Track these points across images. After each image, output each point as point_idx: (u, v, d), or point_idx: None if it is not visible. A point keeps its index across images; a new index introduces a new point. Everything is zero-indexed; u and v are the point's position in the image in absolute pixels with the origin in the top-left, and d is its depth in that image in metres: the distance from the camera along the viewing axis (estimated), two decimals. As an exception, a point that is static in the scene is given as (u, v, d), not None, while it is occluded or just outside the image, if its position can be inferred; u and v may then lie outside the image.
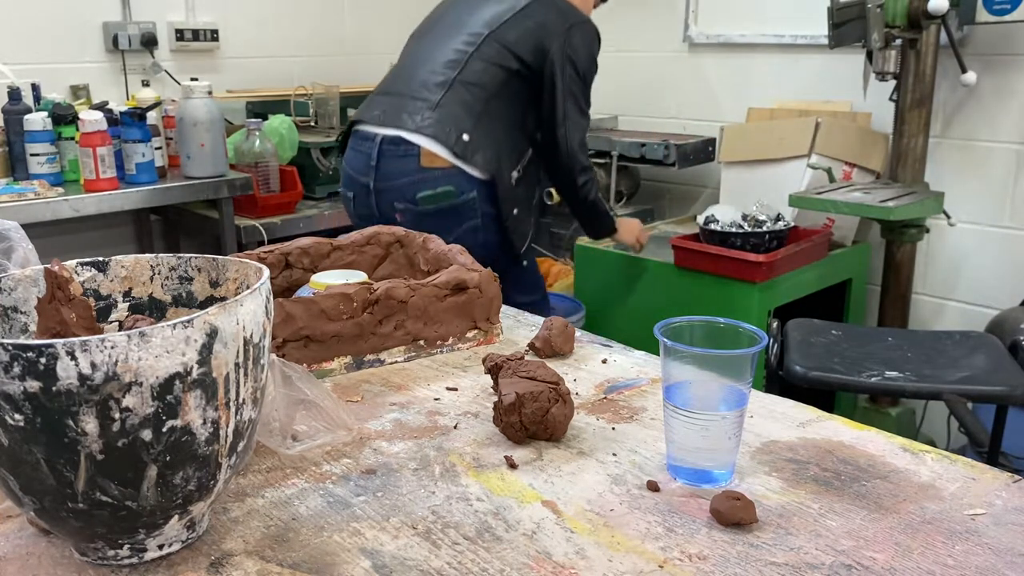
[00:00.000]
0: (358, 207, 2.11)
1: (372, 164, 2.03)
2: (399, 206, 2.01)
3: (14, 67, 2.55)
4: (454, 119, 1.99)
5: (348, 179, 2.13)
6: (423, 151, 1.98)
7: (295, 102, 3.03)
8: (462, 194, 2.00)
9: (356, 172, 2.08)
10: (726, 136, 2.91)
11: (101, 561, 0.64)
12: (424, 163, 1.98)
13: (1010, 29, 2.51)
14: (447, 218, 1.99)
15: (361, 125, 2.11)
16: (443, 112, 2.00)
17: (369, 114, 2.10)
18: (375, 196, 2.04)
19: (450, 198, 1.99)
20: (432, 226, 1.98)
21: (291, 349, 0.97)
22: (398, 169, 2.00)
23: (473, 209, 2.02)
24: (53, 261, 0.72)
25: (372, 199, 2.05)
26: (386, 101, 2.10)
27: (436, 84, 2.04)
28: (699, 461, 0.76)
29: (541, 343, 1.07)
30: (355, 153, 2.10)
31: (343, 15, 3.40)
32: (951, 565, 0.64)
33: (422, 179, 1.98)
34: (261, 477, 0.78)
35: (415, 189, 1.99)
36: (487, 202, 2.03)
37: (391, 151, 2.01)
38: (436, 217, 1.98)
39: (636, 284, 2.62)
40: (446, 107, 2.00)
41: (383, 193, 2.03)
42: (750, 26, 3.08)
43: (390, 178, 2.01)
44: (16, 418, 0.55)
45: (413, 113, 2.01)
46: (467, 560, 0.65)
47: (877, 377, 1.80)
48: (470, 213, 2.02)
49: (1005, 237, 2.63)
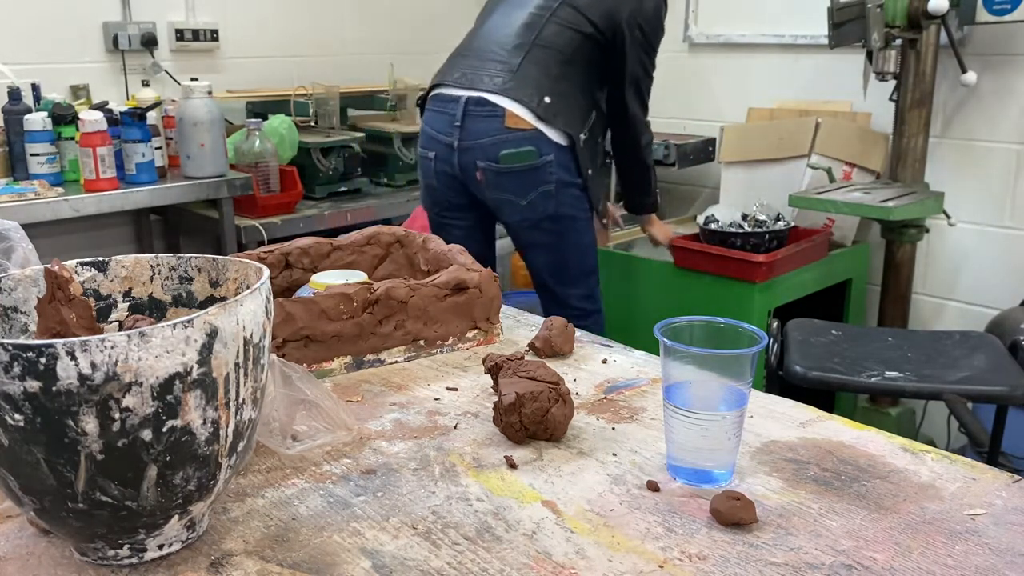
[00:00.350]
0: (439, 165, 2.16)
1: (456, 124, 2.10)
2: (481, 164, 2.08)
3: (14, 67, 2.55)
4: (534, 82, 2.06)
5: (429, 139, 2.19)
6: (507, 112, 2.05)
7: (295, 102, 3.02)
8: (541, 156, 2.06)
9: (438, 132, 2.14)
10: (726, 136, 2.91)
11: (101, 561, 0.64)
12: (508, 124, 2.06)
13: (1010, 29, 2.51)
14: (524, 179, 2.07)
15: (442, 88, 2.17)
16: (523, 75, 2.07)
17: (450, 76, 2.17)
18: (458, 154, 2.11)
19: (531, 158, 2.06)
20: (510, 185, 2.08)
21: (291, 349, 0.97)
22: (482, 129, 2.07)
23: (549, 173, 2.08)
24: (53, 261, 0.72)
25: (455, 157, 2.12)
26: (465, 64, 2.17)
27: (514, 47, 2.11)
28: (699, 461, 0.76)
29: (541, 343, 1.07)
30: (437, 114, 2.16)
31: (343, 15, 3.40)
32: (951, 565, 0.64)
33: (505, 139, 2.06)
34: (261, 477, 0.78)
35: (498, 148, 2.06)
36: (561, 168, 2.10)
37: (476, 112, 2.08)
38: (514, 177, 2.07)
39: (636, 284, 2.62)
40: (525, 70, 2.08)
41: (467, 152, 2.10)
42: (750, 26, 3.08)
43: (474, 137, 2.08)
44: (16, 418, 0.55)
45: (494, 76, 2.09)
46: (467, 560, 0.65)
47: (877, 377, 1.80)
48: (546, 177, 2.08)
49: (1005, 237, 2.63)
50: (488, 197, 2.13)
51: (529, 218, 2.12)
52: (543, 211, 2.11)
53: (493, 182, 2.08)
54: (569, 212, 2.14)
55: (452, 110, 2.11)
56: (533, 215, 2.11)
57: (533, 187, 2.08)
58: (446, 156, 2.14)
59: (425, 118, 2.22)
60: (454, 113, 2.10)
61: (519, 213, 2.12)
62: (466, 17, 3.60)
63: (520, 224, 2.15)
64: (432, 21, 3.57)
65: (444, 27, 3.54)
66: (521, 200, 2.09)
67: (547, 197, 2.10)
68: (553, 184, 2.09)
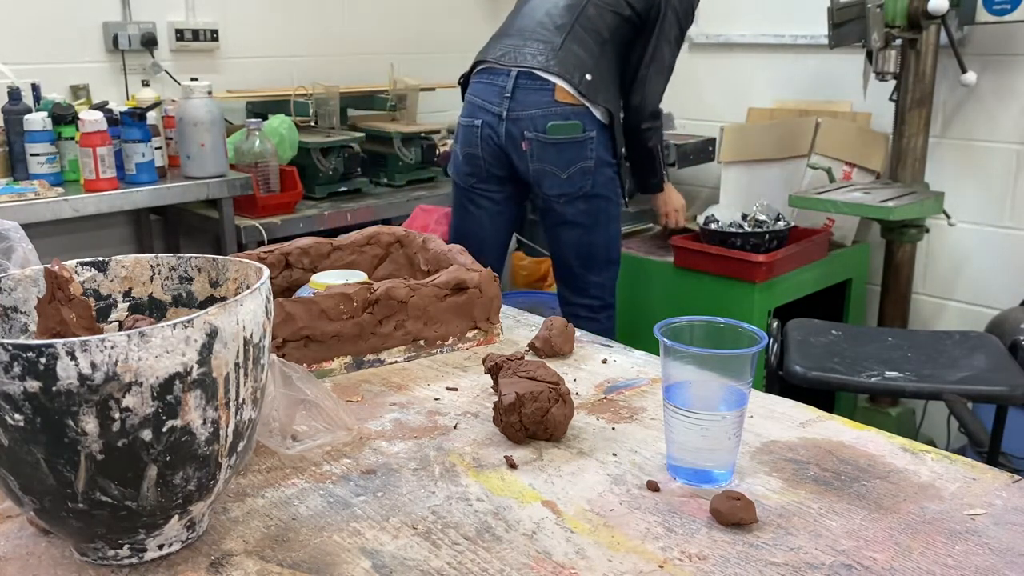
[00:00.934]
0: (484, 132, 2.22)
1: (507, 95, 2.17)
2: (528, 135, 2.15)
3: (14, 67, 2.55)
4: (576, 60, 2.15)
5: (475, 108, 2.24)
6: (557, 87, 2.13)
7: (295, 102, 3.02)
8: (585, 131, 2.15)
9: (487, 102, 2.21)
10: (726, 136, 2.91)
11: (101, 561, 0.64)
12: (558, 97, 2.14)
13: (1010, 29, 2.51)
14: (567, 151, 2.15)
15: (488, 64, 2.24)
16: (566, 54, 2.15)
17: (493, 54, 2.24)
18: (507, 123, 2.17)
19: (575, 131, 2.15)
20: (553, 158, 2.16)
21: (291, 349, 0.97)
22: (533, 100, 2.15)
23: (590, 149, 2.17)
24: (53, 261, 0.72)
25: (503, 127, 2.18)
26: (508, 43, 2.24)
27: (556, 27, 2.18)
28: (699, 461, 0.76)
29: (541, 343, 1.07)
30: (485, 86, 2.22)
31: (343, 15, 3.40)
32: (951, 565, 0.64)
33: (553, 111, 2.14)
34: (261, 477, 0.78)
35: (547, 119, 2.14)
36: (600, 146, 2.18)
37: (526, 84, 2.16)
38: (559, 149, 2.15)
39: (636, 284, 2.62)
40: (568, 49, 2.15)
41: (516, 122, 2.16)
42: (750, 26, 3.08)
43: (524, 108, 2.15)
44: (16, 418, 0.55)
45: (536, 54, 2.16)
46: (467, 560, 0.65)
47: (877, 377, 1.80)
48: (587, 153, 2.17)
49: (1005, 237, 2.63)
50: (531, 168, 2.18)
51: (567, 192, 2.19)
52: (580, 187, 2.18)
53: (538, 153, 2.15)
54: (604, 192, 2.22)
55: (502, 82, 2.18)
56: (571, 189, 2.18)
57: (574, 161, 2.16)
58: (494, 125, 2.20)
59: (471, 90, 2.27)
60: (504, 84, 2.17)
61: (558, 186, 2.18)
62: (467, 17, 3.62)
63: (557, 198, 2.20)
64: (432, 21, 3.57)
65: (444, 27, 3.55)
66: (562, 173, 2.17)
67: (585, 173, 2.17)
68: (592, 161, 2.18)
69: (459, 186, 2.33)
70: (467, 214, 2.33)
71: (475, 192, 2.30)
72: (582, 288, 2.30)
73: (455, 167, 2.34)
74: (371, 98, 3.22)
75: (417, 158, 3.15)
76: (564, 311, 2.35)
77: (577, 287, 2.30)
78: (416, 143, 3.15)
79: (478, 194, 2.30)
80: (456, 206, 2.36)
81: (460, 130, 2.30)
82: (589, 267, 2.28)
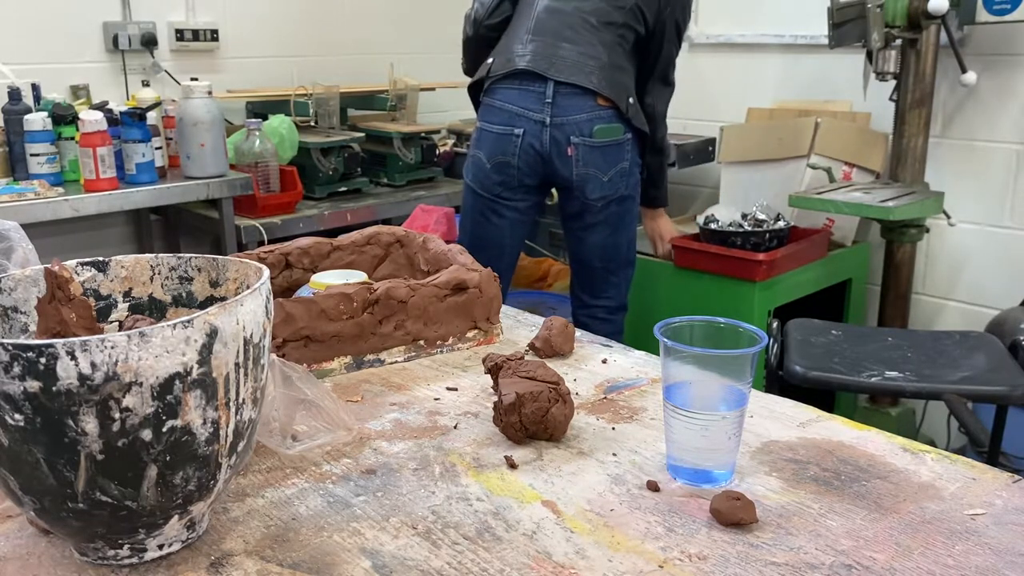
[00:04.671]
0: (525, 140, 2.19)
1: (547, 100, 2.15)
2: (575, 140, 2.15)
3: (14, 67, 2.55)
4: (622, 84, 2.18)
5: (512, 116, 2.20)
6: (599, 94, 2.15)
7: (295, 102, 3.02)
8: (625, 133, 2.19)
9: (527, 109, 2.18)
10: (726, 136, 2.91)
11: (101, 561, 0.64)
12: (600, 101, 2.16)
13: (1010, 29, 2.51)
14: (610, 154, 2.18)
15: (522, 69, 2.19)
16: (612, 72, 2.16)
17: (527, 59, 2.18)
18: (551, 130, 2.16)
19: (619, 133, 2.18)
20: (597, 160, 2.17)
21: (291, 349, 0.97)
22: (576, 106, 2.15)
23: (627, 151, 2.21)
24: (53, 261, 0.72)
25: (547, 133, 2.16)
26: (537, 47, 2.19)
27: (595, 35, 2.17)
28: (699, 461, 0.76)
29: (541, 343, 1.07)
30: (522, 92, 2.19)
31: (343, 15, 3.40)
32: (951, 565, 0.64)
33: (598, 115, 2.15)
34: (261, 477, 0.78)
35: (593, 123, 2.15)
36: (635, 149, 2.23)
37: (568, 91, 2.15)
38: (603, 152, 2.17)
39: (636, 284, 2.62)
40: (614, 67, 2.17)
41: (560, 127, 2.16)
42: (750, 26, 3.08)
43: (568, 112, 2.15)
44: (16, 418, 0.55)
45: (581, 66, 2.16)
46: (467, 560, 0.65)
47: (877, 377, 1.80)
48: (625, 155, 2.20)
49: (1005, 237, 2.63)
50: (575, 173, 2.18)
51: (607, 195, 2.21)
52: (618, 189, 2.21)
53: (584, 157, 2.16)
54: (632, 193, 2.26)
55: (540, 88, 2.16)
56: (610, 192, 2.20)
57: (615, 163, 2.19)
58: (536, 132, 2.17)
59: (503, 96, 2.20)
60: (543, 90, 2.16)
61: (600, 189, 2.19)
62: (466, 17, 3.61)
63: (597, 201, 2.21)
64: (432, 21, 3.57)
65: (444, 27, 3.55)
66: (604, 176, 2.19)
67: (623, 175, 2.21)
68: (628, 162, 2.21)
69: (481, 196, 2.26)
70: (488, 223, 2.27)
71: (500, 202, 2.24)
72: (601, 290, 2.31)
73: (477, 175, 2.26)
74: (371, 98, 3.22)
75: (417, 158, 3.15)
76: (580, 314, 2.34)
77: (597, 289, 2.32)
78: (416, 143, 3.15)
79: (503, 204, 2.25)
80: (475, 214, 2.29)
81: (488, 138, 2.22)
82: (611, 268, 2.30)
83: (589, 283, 2.33)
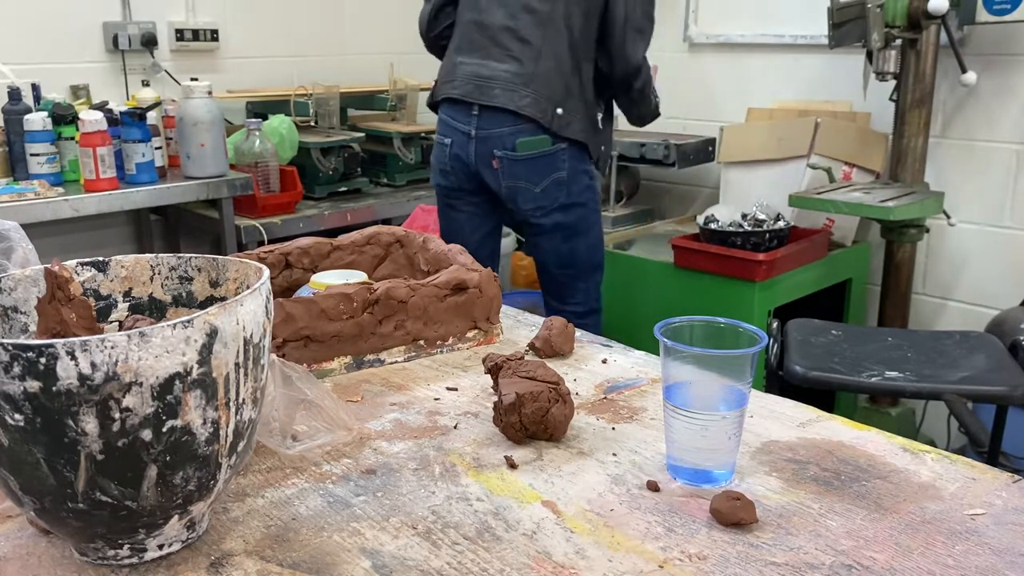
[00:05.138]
0: (453, 151, 2.19)
1: (474, 114, 2.14)
2: (498, 153, 2.12)
3: (14, 67, 2.55)
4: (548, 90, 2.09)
5: (446, 127, 2.21)
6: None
7: (295, 102, 3.02)
8: (555, 143, 2.11)
9: (457, 122, 2.18)
10: (726, 136, 2.91)
11: (101, 561, 0.64)
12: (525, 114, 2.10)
13: (1010, 29, 2.51)
14: (539, 165, 2.12)
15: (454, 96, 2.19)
16: (539, 84, 2.09)
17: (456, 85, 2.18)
18: (476, 143, 2.14)
19: (545, 145, 2.11)
20: (525, 173, 2.11)
21: (291, 349, 0.97)
22: (499, 120, 2.12)
23: (562, 161, 2.13)
24: (53, 261, 0.72)
25: (472, 146, 2.15)
26: (470, 66, 2.17)
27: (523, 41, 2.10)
28: (699, 461, 0.76)
29: (541, 343, 1.07)
30: (454, 107, 2.18)
31: (343, 15, 3.40)
32: (951, 565, 0.64)
33: (520, 129, 2.10)
34: (261, 477, 0.78)
35: (515, 137, 2.10)
36: (573, 157, 2.14)
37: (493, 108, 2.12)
38: (529, 164, 2.11)
39: (636, 284, 2.62)
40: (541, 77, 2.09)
41: (485, 141, 2.13)
42: (750, 26, 3.08)
43: (492, 127, 2.12)
44: (16, 418, 0.55)
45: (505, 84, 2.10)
46: (467, 560, 0.65)
47: (877, 377, 1.80)
48: (559, 164, 2.13)
49: (1005, 237, 2.63)
50: (503, 185, 2.15)
51: (543, 205, 2.16)
52: (556, 199, 2.15)
53: (509, 170, 2.12)
54: (581, 200, 2.18)
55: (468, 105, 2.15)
56: (546, 202, 2.15)
57: (547, 174, 2.13)
58: (463, 144, 2.17)
59: (442, 109, 2.24)
60: (471, 105, 2.14)
61: (533, 200, 2.15)
62: (466, 17, 3.61)
63: (534, 212, 2.17)
64: (432, 21, 3.56)
65: (444, 27, 3.54)
66: (535, 187, 2.14)
67: (560, 185, 2.14)
68: (565, 172, 2.14)
69: (440, 187, 2.30)
70: (448, 218, 2.31)
71: (451, 201, 2.28)
72: (568, 295, 2.27)
73: (432, 177, 2.32)
74: (371, 98, 3.22)
75: (417, 158, 3.15)
76: None
77: (563, 295, 2.28)
78: (416, 143, 3.15)
79: (454, 203, 2.27)
80: (440, 207, 2.34)
81: (435, 146, 2.27)
82: (575, 274, 2.25)
83: (554, 288, 2.30)
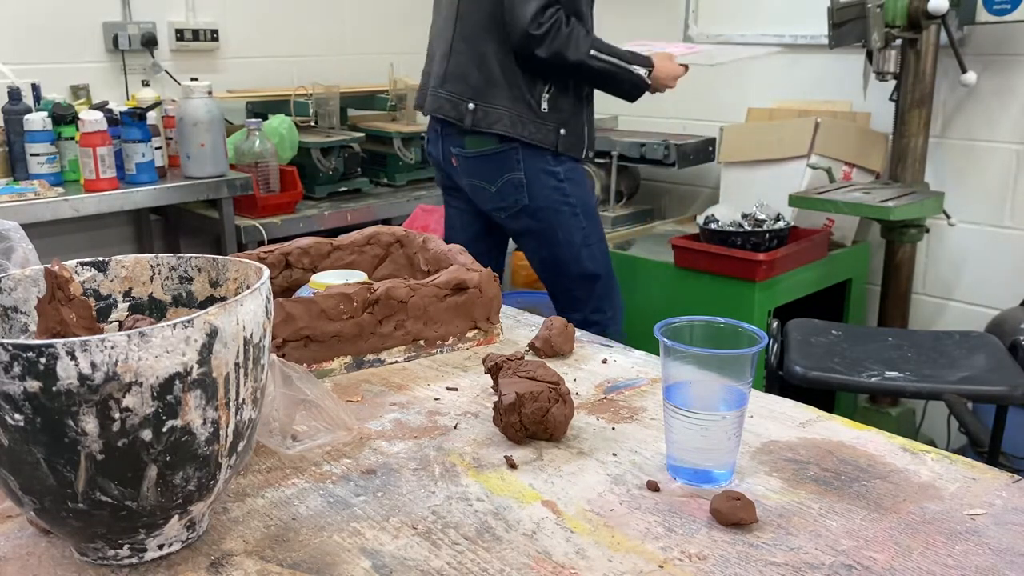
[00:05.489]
0: (428, 146, 2.25)
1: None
2: (455, 151, 2.12)
3: (14, 67, 2.55)
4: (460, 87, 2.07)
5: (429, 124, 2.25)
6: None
7: (295, 102, 3.02)
8: (502, 142, 2.05)
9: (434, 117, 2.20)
10: (726, 136, 2.91)
11: (101, 561, 0.64)
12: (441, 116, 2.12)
13: (1010, 29, 2.51)
14: (492, 164, 2.08)
15: None
16: (450, 85, 2.08)
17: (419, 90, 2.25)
18: (441, 140, 2.16)
19: (491, 144, 2.06)
20: (479, 171, 2.10)
21: (291, 349, 0.97)
22: (437, 122, 2.15)
23: (516, 161, 2.06)
24: (53, 261, 0.72)
25: (440, 142, 2.17)
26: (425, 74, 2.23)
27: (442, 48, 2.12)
28: (699, 461, 0.76)
29: (541, 343, 1.07)
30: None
31: (343, 15, 3.40)
32: (951, 565, 0.64)
33: (455, 129, 2.10)
34: (261, 477, 0.78)
35: (463, 134, 2.09)
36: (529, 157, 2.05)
37: None
38: (482, 162, 2.09)
39: (636, 284, 2.62)
40: (450, 77, 2.08)
41: (447, 138, 2.14)
42: (750, 26, 3.08)
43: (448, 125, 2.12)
44: (16, 418, 0.55)
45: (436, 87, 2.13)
46: (467, 560, 0.65)
47: (877, 377, 1.80)
48: (513, 164, 2.06)
49: (1005, 237, 2.63)
50: (465, 183, 2.15)
51: (502, 207, 2.10)
52: (515, 200, 2.09)
53: (465, 168, 2.12)
54: (547, 204, 2.07)
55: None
56: (504, 203, 2.10)
57: (500, 173, 2.07)
58: (434, 140, 2.20)
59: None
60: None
61: (491, 200, 2.11)
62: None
63: (496, 213, 2.14)
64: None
65: (444, 27, 3.54)
66: (491, 187, 2.10)
67: (517, 186, 2.07)
68: (521, 172, 2.06)
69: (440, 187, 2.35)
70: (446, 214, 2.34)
71: (446, 194, 2.32)
72: (568, 304, 2.17)
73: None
74: (371, 98, 3.22)
75: (417, 158, 3.15)
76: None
77: (565, 304, 2.18)
78: (416, 143, 3.15)
79: (448, 195, 2.31)
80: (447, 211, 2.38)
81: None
82: (566, 285, 2.16)
83: (553, 295, 2.22)
